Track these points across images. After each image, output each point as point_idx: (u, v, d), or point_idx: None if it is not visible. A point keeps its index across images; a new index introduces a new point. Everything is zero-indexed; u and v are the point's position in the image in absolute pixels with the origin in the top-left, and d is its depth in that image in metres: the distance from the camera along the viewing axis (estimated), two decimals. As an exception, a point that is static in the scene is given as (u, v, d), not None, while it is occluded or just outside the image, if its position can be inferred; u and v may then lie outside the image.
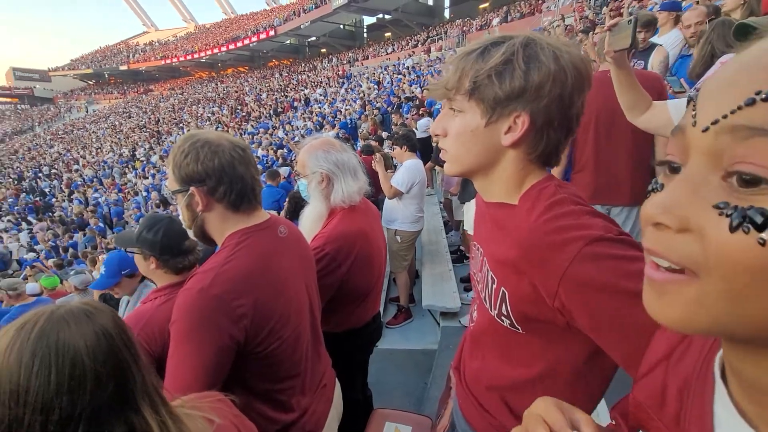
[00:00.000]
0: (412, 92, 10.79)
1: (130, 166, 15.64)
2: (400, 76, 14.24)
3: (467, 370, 0.79)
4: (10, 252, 10.26)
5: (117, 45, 54.49)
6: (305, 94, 17.63)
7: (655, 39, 2.74)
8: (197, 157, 0.83)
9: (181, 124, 20.36)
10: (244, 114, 18.39)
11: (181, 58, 38.37)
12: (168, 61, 39.62)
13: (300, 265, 0.99)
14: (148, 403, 0.56)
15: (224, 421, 0.64)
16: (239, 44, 33.16)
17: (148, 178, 13.13)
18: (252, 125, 15.82)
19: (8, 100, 53.53)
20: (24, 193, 15.27)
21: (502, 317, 0.64)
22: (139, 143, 19.15)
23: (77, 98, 46.69)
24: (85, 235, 9.26)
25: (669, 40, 2.73)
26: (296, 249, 1.00)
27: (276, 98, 19.14)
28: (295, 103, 16.79)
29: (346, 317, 1.35)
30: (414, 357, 2.54)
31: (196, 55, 36.88)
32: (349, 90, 15.99)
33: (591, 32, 3.85)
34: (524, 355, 0.66)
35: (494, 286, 0.64)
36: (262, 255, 0.88)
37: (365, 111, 10.71)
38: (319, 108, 14.39)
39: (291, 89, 20.57)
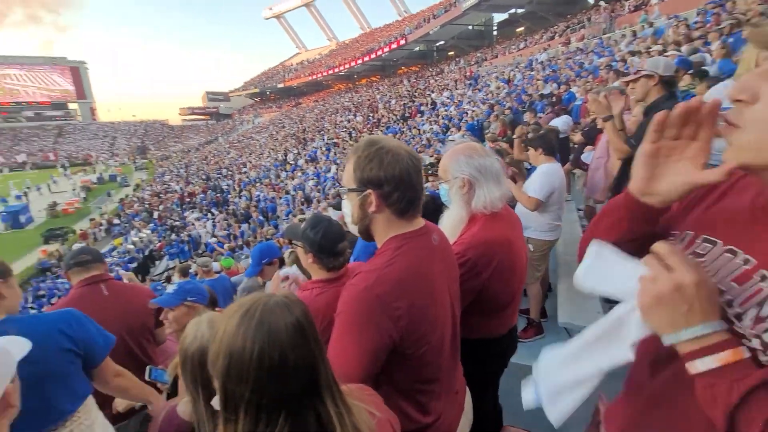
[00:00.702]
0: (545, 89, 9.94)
1: (282, 168, 18.33)
2: (532, 73, 13.27)
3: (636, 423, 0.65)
4: (200, 236, 13.12)
5: (276, 67, 64.47)
6: (432, 98, 17.92)
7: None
8: (381, 164, 0.88)
9: (322, 132, 22.92)
10: (375, 120, 19.69)
11: (324, 73, 43.22)
12: (314, 77, 45.13)
13: (447, 273, 1.01)
14: (329, 393, 0.62)
15: (382, 415, 0.69)
16: (372, 56, 35.66)
17: (295, 179, 15.17)
18: (381, 130, 16.83)
19: (202, 117, 68.70)
20: (210, 190, 19.34)
21: None
22: (290, 149, 22.26)
23: (247, 113, 56.92)
24: (249, 225, 11.22)
25: None
26: (445, 257, 1.01)
27: (404, 104, 19.94)
28: (422, 108, 17.21)
29: (482, 325, 1.32)
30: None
31: (336, 69, 41.08)
32: (476, 91, 15.64)
33: None
34: None
35: None
36: (418, 261, 0.92)
37: (493, 111, 10.33)
38: (446, 111, 14.46)
39: (418, 94, 21.16)
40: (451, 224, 1.29)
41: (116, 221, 19.22)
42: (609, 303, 2.63)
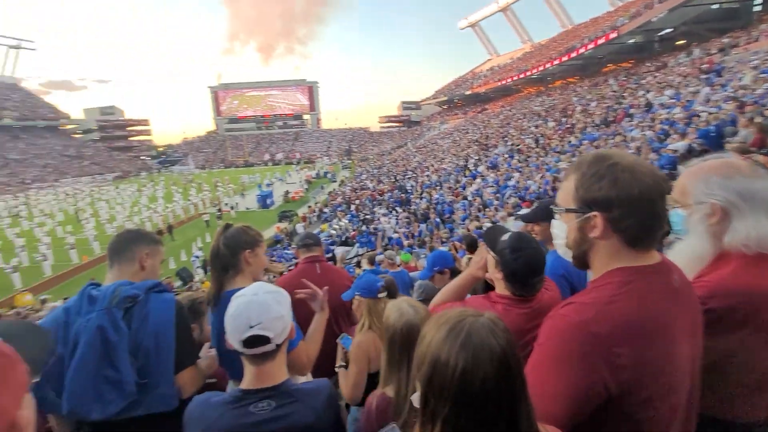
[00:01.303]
0: None
1: (462, 173, 18.80)
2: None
3: None
4: (384, 230, 14.85)
5: (465, 75, 66.04)
6: (647, 98, 15.00)
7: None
8: (614, 183, 0.76)
9: (506, 138, 22.31)
10: (568, 126, 17.89)
11: (514, 78, 41.74)
12: (502, 82, 44.20)
13: (689, 324, 0.81)
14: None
15: None
16: (572, 55, 32.29)
17: (473, 184, 15.33)
18: (575, 137, 15.17)
19: (396, 124, 76.79)
20: (396, 190, 21.56)
21: None
22: (471, 155, 22.56)
23: (434, 120, 60.46)
24: (427, 226, 12.03)
25: None
26: (689, 306, 0.83)
27: (607, 106, 17.37)
28: (632, 110, 14.62)
29: (737, 402, 0.97)
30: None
31: (527, 73, 39.09)
32: (716, 87, 12.26)
33: None
34: None
35: None
36: (652, 303, 0.77)
37: (743, 113, 7.92)
38: (667, 113, 11.88)
39: (628, 94, 18.04)
40: (684, 261, 1.00)
41: (325, 210, 23.65)
42: None
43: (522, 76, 40.08)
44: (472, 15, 64.68)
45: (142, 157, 69.69)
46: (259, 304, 0.99)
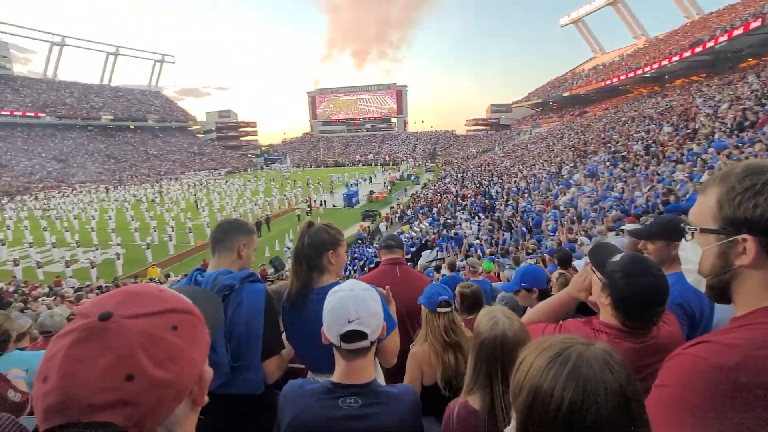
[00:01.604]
0: None
1: (554, 181, 17.54)
2: None
3: None
4: (465, 235, 14.55)
5: (564, 75, 61.31)
6: (802, 100, 12.34)
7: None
8: None
9: (608, 144, 20.22)
10: (689, 131, 15.55)
11: (622, 77, 37.54)
12: (608, 82, 40.04)
13: None
14: None
15: None
16: (698, 49, 27.92)
17: (567, 194, 14.21)
18: (699, 144, 13.14)
19: (484, 127, 74.50)
20: (480, 195, 20.96)
21: None
22: (566, 161, 20.92)
23: (525, 123, 57.27)
24: (512, 235, 11.51)
25: None
26: None
27: (743, 108, 14.69)
28: (779, 113, 12.17)
29: None
30: None
31: (639, 71, 34.84)
32: None
33: None
34: None
35: None
36: None
37: None
38: (829, 118, 9.65)
39: (775, 94, 15.05)
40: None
41: (407, 211, 23.99)
42: None
43: (632, 75, 35.87)
44: (576, 11, 59.79)
45: (249, 155, 78.31)
46: (357, 300, 1.02)
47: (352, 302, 1.02)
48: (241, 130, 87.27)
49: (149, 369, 0.45)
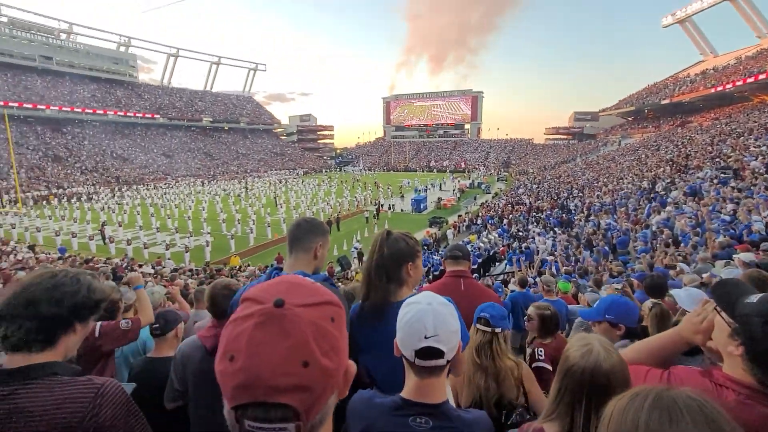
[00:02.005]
0: None
1: (646, 198, 15.79)
2: None
3: None
4: (538, 251, 13.73)
5: (665, 80, 54.95)
6: None
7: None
8: None
9: (717, 159, 17.67)
10: (829, 147, 12.99)
11: (738, 82, 32.60)
12: (719, 89, 35.04)
13: None
14: None
15: None
16: None
17: (662, 212, 12.70)
18: (841, 163, 10.90)
19: (565, 136, 69.75)
20: (557, 209, 19.63)
21: None
22: (661, 176, 18.73)
23: (614, 133, 52.43)
24: (592, 254, 10.60)
25: None
26: None
27: None
28: None
29: None
30: None
31: (761, 76, 29.98)
32: None
33: None
34: None
35: None
36: None
37: None
38: None
39: None
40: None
41: (476, 221, 23.32)
42: None
43: (752, 80, 30.98)
44: (682, 9, 53.39)
45: (324, 157, 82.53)
46: (435, 315, 0.96)
47: (430, 317, 0.95)
48: (319, 133, 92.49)
49: (319, 357, 0.47)
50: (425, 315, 0.95)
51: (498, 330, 1.64)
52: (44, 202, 31.99)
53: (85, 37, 60.97)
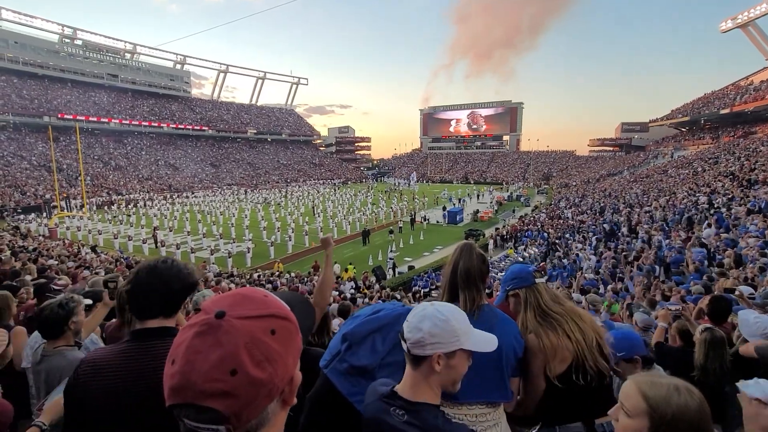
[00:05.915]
0: None
1: (702, 214, 14.70)
2: None
3: None
4: (580, 267, 13.10)
5: (724, 89, 51.18)
6: None
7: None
8: None
9: (787, 173, 16.18)
10: None
11: (815, 89, 29.75)
12: (790, 96, 32.16)
13: None
14: None
15: None
16: None
17: (721, 228, 11.78)
18: None
19: (611, 148, 66.54)
20: (601, 224, 18.68)
21: None
22: (720, 191, 17.39)
23: (666, 145, 49.37)
24: (640, 272, 9.99)
25: None
26: None
27: None
28: None
29: None
30: None
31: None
32: None
33: None
34: None
35: None
36: None
37: None
38: None
39: None
40: None
41: (516, 234, 22.68)
42: None
43: (831, 87, 28.17)
44: (744, 13, 49.77)
45: (361, 168, 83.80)
46: (433, 316, 1.02)
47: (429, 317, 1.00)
48: (356, 144, 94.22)
49: (249, 367, 0.51)
50: (426, 313, 1.01)
51: None
52: (106, 207, 34.84)
53: (146, 56, 66.50)
